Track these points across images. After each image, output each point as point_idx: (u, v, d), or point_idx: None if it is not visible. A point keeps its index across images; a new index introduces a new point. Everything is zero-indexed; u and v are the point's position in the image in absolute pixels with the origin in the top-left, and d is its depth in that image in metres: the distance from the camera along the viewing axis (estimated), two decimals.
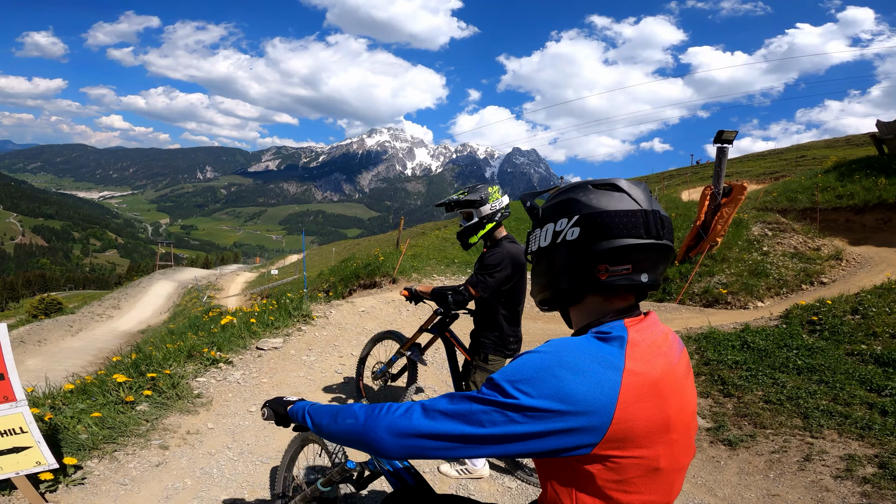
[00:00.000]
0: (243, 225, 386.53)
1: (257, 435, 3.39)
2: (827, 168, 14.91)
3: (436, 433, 0.95)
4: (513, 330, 3.09)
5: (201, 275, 41.80)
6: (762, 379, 4.56)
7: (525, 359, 0.94)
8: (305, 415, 1.26)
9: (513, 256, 2.92)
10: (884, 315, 5.26)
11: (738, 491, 3.39)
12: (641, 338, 0.99)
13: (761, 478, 3.47)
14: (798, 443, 3.72)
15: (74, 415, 3.09)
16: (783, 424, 3.96)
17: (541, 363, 0.91)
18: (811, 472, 3.40)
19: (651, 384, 0.93)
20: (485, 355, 3.07)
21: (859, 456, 3.43)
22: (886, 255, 9.54)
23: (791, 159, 26.99)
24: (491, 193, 2.91)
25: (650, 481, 0.96)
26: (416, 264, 10.40)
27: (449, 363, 3.41)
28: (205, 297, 24.85)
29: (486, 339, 3.06)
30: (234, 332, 5.02)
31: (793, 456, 3.59)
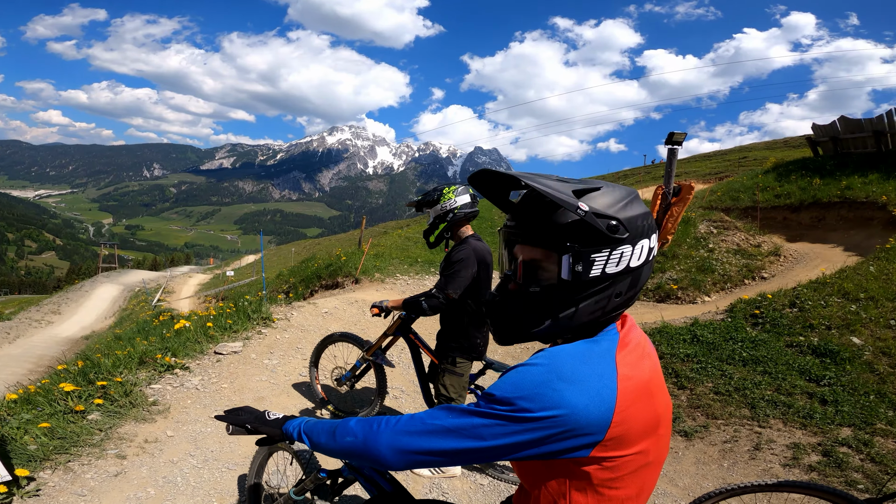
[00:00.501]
0: (195, 225, 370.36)
1: (221, 441, 3.30)
2: (766, 169, 15.89)
3: (438, 450, 0.97)
4: (479, 331, 3.10)
5: (149, 277, 39.79)
6: (711, 371, 4.82)
7: (523, 373, 0.94)
8: (302, 434, 1.23)
9: (478, 253, 2.93)
10: (819, 308, 5.67)
11: (697, 480, 3.56)
12: (628, 341, 1.03)
13: (716, 467, 3.65)
14: (747, 432, 3.93)
15: (20, 425, 2.91)
16: (732, 415, 4.18)
17: (539, 377, 0.92)
18: (762, 461, 3.60)
19: (643, 386, 0.97)
20: (452, 358, 3.07)
21: (804, 444, 3.66)
22: (821, 251, 10.29)
23: (734, 160, 28.57)
24: (444, 193, 2.95)
25: (640, 475, 1.01)
26: (379, 264, 10.32)
27: (415, 365, 3.41)
28: (154, 300, 23.69)
29: (454, 341, 3.06)
30: (190, 337, 4.83)
31: (743, 445, 3.80)
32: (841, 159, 13.62)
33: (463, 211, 2.93)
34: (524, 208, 1.03)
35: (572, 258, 0.96)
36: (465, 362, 3.09)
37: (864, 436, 3.66)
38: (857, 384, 4.35)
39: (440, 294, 2.86)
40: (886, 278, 6.12)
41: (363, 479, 1.67)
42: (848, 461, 3.41)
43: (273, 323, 5.63)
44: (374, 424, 1.06)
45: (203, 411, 3.65)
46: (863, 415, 3.92)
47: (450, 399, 3.08)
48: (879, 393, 4.22)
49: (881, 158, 12.38)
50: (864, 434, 3.69)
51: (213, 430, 3.42)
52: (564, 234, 0.97)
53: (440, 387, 3.11)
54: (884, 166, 11.77)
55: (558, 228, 0.97)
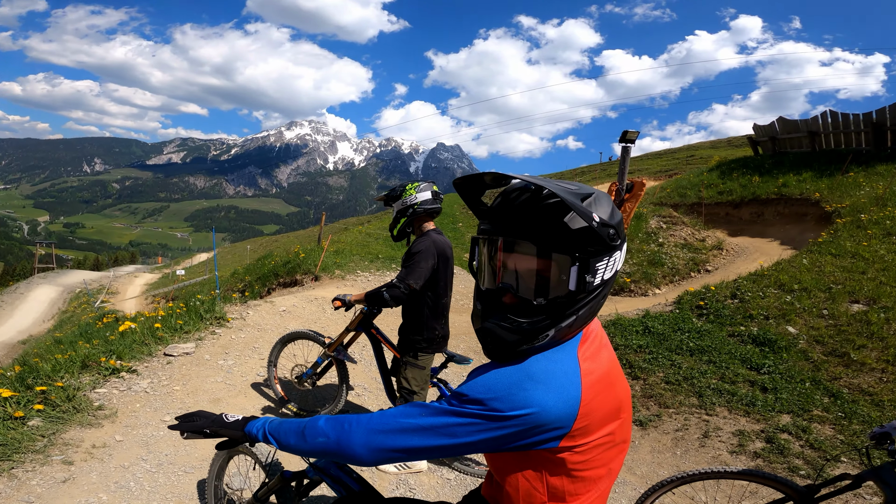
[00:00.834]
0: (141, 222, 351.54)
1: (176, 445, 3.18)
2: (711, 167, 16.76)
3: (412, 447, 0.99)
4: (440, 324, 3.14)
5: (91, 277, 37.48)
6: (662, 361, 5.04)
7: (495, 375, 0.97)
8: (268, 435, 1.20)
9: (438, 246, 2.99)
10: (758, 299, 6.04)
11: (653, 469, 3.71)
12: (588, 333, 1.07)
13: (670, 455, 3.82)
14: (696, 420, 4.13)
15: None
16: (683, 404, 4.37)
17: (510, 378, 0.95)
18: (711, 448, 3.78)
19: (604, 377, 1.01)
20: (414, 352, 3.10)
21: (748, 431, 3.87)
22: (759, 245, 10.97)
23: (682, 158, 29.93)
24: (406, 189, 3.04)
25: (608, 455, 1.06)
26: (339, 260, 10.16)
27: (377, 360, 3.41)
28: (97, 301, 22.36)
29: (415, 334, 3.08)
30: (136, 339, 4.60)
31: (693, 433, 3.99)
32: (778, 158, 14.55)
33: (423, 207, 3.00)
34: (525, 215, 0.96)
35: (580, 267, 0.94)
36: (427, 355, 3.12)
37: (802, 422, 3.90)
38: (793, 372, 4.65)
39: (401, 284, 2.89)
40: (819, 270, 6.60)
41: (330, 480, 1.64)
42: (789, 447, 3.62)
43: (228, 323, 5.44)
44: (346, 424, 1.05)
45: (154, 415, 3.50)
46: (800, 402, 4.18)
47: (412, 392, 3.10)
48: (814, 380, 4.51)
49: (815, 157, 13.33)
50: (802, 421, 3.93)
51: (165, 434, 3.29)
52: (574, 243, 0.94)
53: (402, 380, 3.13)
54: (817, 165, 12.67)
55: (567, 237, 0.94)
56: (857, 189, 10.20)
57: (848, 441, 3.66)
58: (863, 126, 12.63)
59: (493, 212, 1.02)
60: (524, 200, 0.97)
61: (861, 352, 4.79)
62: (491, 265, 1.03)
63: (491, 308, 1.03)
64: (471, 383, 0.98)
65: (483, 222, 1.05)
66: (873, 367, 4.58)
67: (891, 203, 8.58)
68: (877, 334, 4.99)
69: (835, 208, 9.65)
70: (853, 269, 6.45)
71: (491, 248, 1.02)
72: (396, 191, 3.06)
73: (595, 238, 0.93)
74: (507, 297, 1.00)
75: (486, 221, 1.04)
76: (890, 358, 4.64)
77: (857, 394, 4.29)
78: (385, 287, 2.95)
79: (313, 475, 1.68)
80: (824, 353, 4.94)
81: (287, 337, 3.85)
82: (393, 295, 2.90)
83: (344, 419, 1.07)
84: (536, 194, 0.96)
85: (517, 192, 0.99)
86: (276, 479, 1.73)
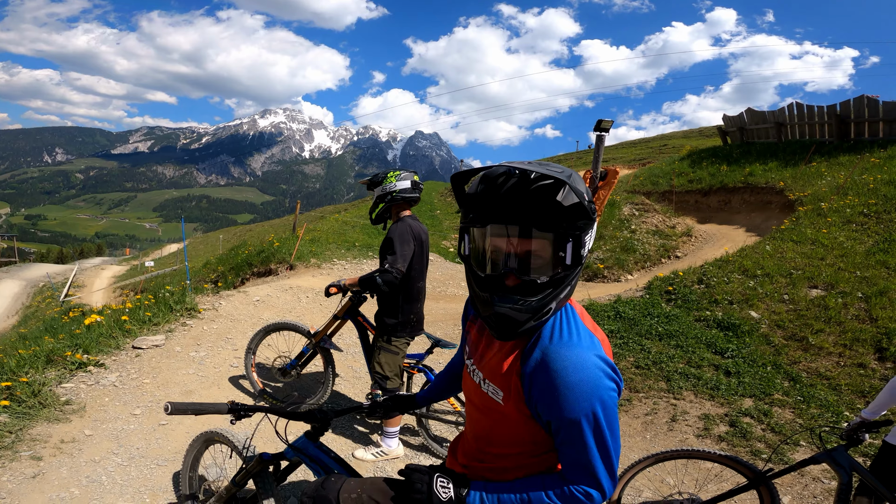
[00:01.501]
0: (107, 213, 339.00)
1: (147, 438, 3.14)
2: (682, 156, 17.13)
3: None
4: (414, 308, 3.19)
5: (55, 271, 36.08)
6: (632, 346, 5.17)
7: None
8: None
9: (414, 230, 3.09)
10: (723, 284, 6.24)
11: (624, 452, 3.80)
12: (576, 306, 1.19)
13: (640, 439, 3.92)
14: (665, 404, 4.25)
15: None
16: (651, 388, 4.49)
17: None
18: (678, 432, 3.90)
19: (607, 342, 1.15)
20: (388, 336, 3.14)
21: (713, 415, 4.00)
22: (726, 232, 11.31)
23: (656, 147, 30.46)
24: (388, 177, 3.15)
25: None
26: (315, 249, 10.05)
27: (363, 347, 3.42)
28: (62, 295, 21.58)
29: (390, 317, 3.14)
30: (103, 332, 4.48)
31: (662, 417, 4.10)
32: (746, 148, 14.97)
33: (402, 195, 3.11)
34: (519, 199, 0.98)
35: (574, 242, 1.00)
36: (401, 339, 3.17)
37: (763, 406, 4.06)
38: (755, 356, 4.82)
39: (393, 269, 2.97)
40: (780, 256, 6.85)
41: (308, 460, 1.66)
42: (751, 431, 3.76)
43: (199, 314, 5.34)
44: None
45: (123, 408, 3.44)
46: (762, 385, 4.34)
47: (385, 378, 3.13)
48: (775, 364, 4.69)
49: (781, 148, 13.76)
50: (763, 405, 4.09)
51: (136, 427, 3.24)
52: (568, 220, 0.99)
53: (375, 364, 3.16)
54: (782, 155, 13.09)
55: (561, 215, 0.98)
56: (820, 178, 10.60)
57: (806, 424, 3.81)
58: (827, 118, 13.08)
59: (482, 199, 1.03)
60: (514, 185, 0.99)
61: (819, 336, 5.01)
62: (490, 251, 1.04)
63: (493, 293, 1.05)
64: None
65: (472, 210, 1.05)
66: (830, 352, 4.79)
67: (851, 192, 8.95)
68: (834, 319, 5.22)
69: (798, 197, 10.01)
70: (813, 255, 6.72)
71: (488, 234, 1.04)
72: (378, 177, 3.19)
73: (584, 212, 1.00)
74: (509, 279, 1.03)
75: (476, 209, 1.04)
76: (847, 342, 4.86)
77: (815, 378, 4.48)
78: (378, 272, 3.01)
79: (292, 456, 1.68)
80: (785, 337, 5.14)
81: (270, 327, 3.80)
82: (386, 280, 2.97)
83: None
84: (524, 178, 0.98)
85: (503, 178, 1.01)
86: (255, 462, 1.73)
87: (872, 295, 5.46)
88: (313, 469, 1.66)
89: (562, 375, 1.02)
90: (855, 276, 5.95)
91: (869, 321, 5.11)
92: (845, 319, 5.18)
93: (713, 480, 3.06)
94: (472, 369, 1.27)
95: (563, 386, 1.01)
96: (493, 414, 1.19)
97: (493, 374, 1.17)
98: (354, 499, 1.36)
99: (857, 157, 11.09)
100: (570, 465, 1.08)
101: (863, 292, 5.57)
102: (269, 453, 1.74)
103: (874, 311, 5.20)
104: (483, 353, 1.24)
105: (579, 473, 1.07)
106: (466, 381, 1.33)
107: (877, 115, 12.00)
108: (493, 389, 1.17)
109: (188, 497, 2.08)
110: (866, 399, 4.12)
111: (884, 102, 11.86)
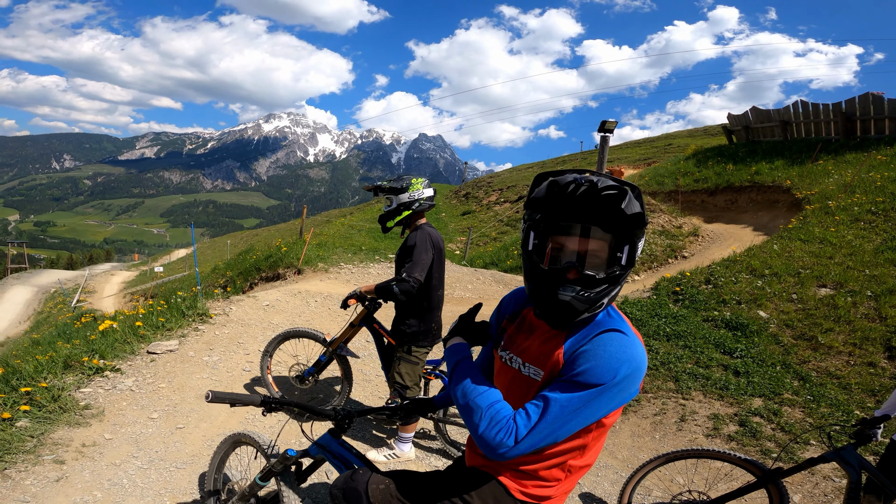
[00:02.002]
0: (115, 219, 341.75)
1: (165, 441, 3.20)
2: (687, 155, 17.08)
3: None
4: (435, 316, 3.19)
5: (66, 276, 36.48)
6: None
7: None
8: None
9: (433, 238, 3.07)
10: (730, 284, 6.23)
11: (633, 452, 3.82)
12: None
13: (649, 439, 3.93)
14: (674, 405, 4.25)
15: None
16: (660, 388, 4.50)
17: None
18: (687, 432, 3.91)
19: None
20: (408, 346, 3.13)
21: (722, 415, 4.00)
22: (733, 231, 11.28)
23: (661, 147, 30.37)
24: (413, 184, 3.11)
25: (601, 440, 1.31)
26: (322, 253, 10.12)
27: (379, 353, 3.43)
28: (73, 301, 21.83)
29: (410, 327, 3.12)
30: (118, 338, 4.56)
31: (671, 417, 4.11)
32: (752, 147, 14.92)
33: (427, 203, 3.13)
34: (590, 204, 1.11)
35: (631, 246, 1.14)
36: (421, 349, 3.16)
37: (773, 406, 4.05)
38: (764, 355, 4.81)
39: (410, 279, 2.94)
40: (788, 255, 6.84)
41: (332, 457, 1.72)
42: (761, 430, 3.76)
43: (210, 319, 5.42)
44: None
45: (141, 412, 3.50)
46: (771, 385, 4.33)
47: (405, 388, 3.13)
48: (784, 363, 4.68)
49: (787, 146, 13.70)
50: (773, 404, 4.08)
51: (154, 431, 3.30)
52: (629, 226, 1.12)
53: (395, 374, 3.15)
54: (788, 153, 13.03)
55: (624, 221, 1.11)
56: (827, 177, 10.55)
57: (816, 423, 3.80)
58: (832, 116, 13.02)
59: (553, 201, 1.16)
60: (585, 192, 1.11)
61: (828, 335, 4.99)
62: (559, 247, 1.17)
63: (556, 284, 1.15)
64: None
65: (543, 211, 1.18)
66: (840, 351, 4.78)
67: (858, 190, 8.91)
68: (843, 318, 5.20)
69: (805, 195, 9.97)
70: (821, 254, 6.70)
71: (558, 233, 1.17)
72: (402, 183, 3.10)
73: (642, 221, 1.12)
74: (571, 273, 1.14)
75: (548, 210, 1.17)
76: (856, 341, 4.84)
77: (825, 377, 4.46)
78: (395, 281, 2.98)
79: (316, 453, 1.74)
80: (793, 336, 5.13)
81: (290, 333, 3.79)
82: (403, 289, 2.95)
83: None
84: (594, 186, 1.10)
85: (573, 185, 1.12)
86: (279, 459, 1.79)
87: (882, 293, 5.44)
88: (336, 466, 1.72)
89: (603, 344, 1.14)
90: (864, 275, 5.93)
91: (878, 320, 5.10)
92: (854, 318, 5.17)
93: (723, 480, 3.07)
94: (509, 357, 1.36)
95: (600, 352, 1.13)
96: (530, 394, 1.27)
97: (534, 357, 1.28)
98: (383, 489, 1.42)
99: (863, 154, 11.03)
100: (529, 404, 1.16)
101: (872, 291, 5.55)
102: (294, 450, 1.79)
103: (884, 310, 5.18)
104: (521, 343, 1.35)
105: (527, 414, 1.14)
106: (501, 373, 1.40)
107: (882, 113, 11.94)
108: (535, 371, 1.27)
109: (211, 494, 2.14)
110: (876, 398, 4.11)
111: (889, 99, 11.80)
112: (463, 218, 24.00)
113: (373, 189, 3.23)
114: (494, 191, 26.67)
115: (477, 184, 31.48)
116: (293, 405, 1.68)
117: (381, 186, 3.16)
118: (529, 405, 1.15)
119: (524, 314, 1.40)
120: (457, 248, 16.26)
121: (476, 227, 19.23)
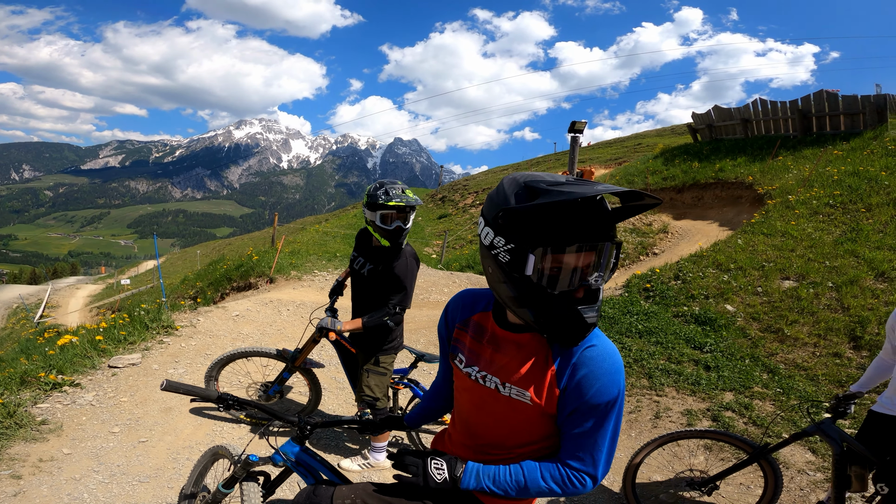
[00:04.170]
0: (79, 231, 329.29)
1: (127, 455, 3.10)
2: (656, 154, 17.48)
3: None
4: (401, 328, 3.20)
5: (28, 292, 34.88)
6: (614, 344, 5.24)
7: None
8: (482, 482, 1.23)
9: (414, 257, 2.97)
10: (698, 279, 6.36)
11: None
12: None
13: (626, 437, 3.94)
14: (648, 401, 4.28)
15: None
16: (634, 385, 4.53)
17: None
18: (662, 429, 3.93)
19: None
20: (376, 358, 3.08)
21: (695, 410, 4.05)
22: (700, 227, 11.56)
23: (631, 146, 31.01)
24: (406, 191, 2.89)
25: None
26: (295, 261, 9.94)
27: (342, 363, 3.36)
28: (37, 316, 20.89)
29: (381, 342, 3.05)
30: (77, 352, 4.38)
31: (646, 414, 4.14)
32: (715, 144, 15.36)
33: None
34: (600, 218, 1.07)
35: (619, 246, 1.12)
36: (389, 356, 3.13)
37: (744, 399, 4.12)
38: (733, 349, 4.90)
39: (400, 310, 2.91)
40: (752, 249, 7.03)
41: (296, 465, 1.66)
42: (733, 425, 3.82)
43: (176, 331, 5.24)
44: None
45: (102, 427, 3.38)
46: (741, 379, 4.41)
47: (376, 399, 3.07)
48: (753, 356, 4.76)
49: (748, 143, 14.16)
50: (744, 398, 4.15)
51: (116, 445, 3.18)
52: (614, 230, 1.11)
53: (365, 388, 3.08)
54: (750, 150, 13.46)
55: (614, 230, 1.10)
56: (786, 172, 10.93)
57: (787, 417, 3.86)
58: (790, 113, 13.52)
59: (559, 222, 1.04)
60: (594, 208, 1.07)
61: (794, 327, 5.13)
62: (573, 266, 1.07)
63: (575, 305, 1.08)
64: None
65: (547, 233, 1.04)
66: (805, 342, 4.90)
67: (816, 184, 9.25)
68: (807, 309, 5.35)
69: (766, 190, 10.31)
70: (783, 247, 6.92)
71: (571, 252, 1.05)
72: (411, 198, 2.78)
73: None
74: (579, 291, 1.09)
75: (553, 231, 1.04)
76: (821, 332, 4.97)
77: (793, 369, 4.57)
78: (386, 316, 2.87)
79: (280, 461, 1.67)
80: (760, 329, 5.25)
81: (233, 355, 3.59)
82: (396, 322, 2.96)
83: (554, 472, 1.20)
84: (599, 201, 1.07)
85: (586, 203, 1.07)
86: (242, 465, 1.72)
87: (843, 284, 5.63)
88: (302, 475, 1.66)
89: (598, 362, 1.13)
90: (825, 267, 6.13)
91: (841, 310, 5.27)
92: (818, 309, 5.32)
93: (718, 460, 3.26)
94: (481, 376, 1.26)
95: (600, 372, 1.12)
96: (517, 415, 1.22)
97: (515, 377, 1.20)
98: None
99: (820, 150, 11.48)
100: (575, 449, 1.16)
101: (833, 282, 5.74)
102: (256, 455, 1.73)
103: (845, 300, 5.35)
104: (492, 358, 1.25)
105: (582, 457, 1.16)
106: (468, 390, 1.32)
107: (837, 109, 12.45)
108: (518, 391, 1.19)
109: (186, 496, 2.09)
110: (843, 389, 4.23)
111: (843, 97, 12.31)
112: (439, 221, 23.99)
113: (411, 208, 2.82)
114: (470, 193, 26.78)
115: (453, 187, 31.55)
116: (253, 406, 1.63)
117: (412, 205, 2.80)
118: (575, 443, 1.18)
119: (477, 321, 1.32)
120: (433, 252, 16.21)
121: (452, 231, 19.24)
